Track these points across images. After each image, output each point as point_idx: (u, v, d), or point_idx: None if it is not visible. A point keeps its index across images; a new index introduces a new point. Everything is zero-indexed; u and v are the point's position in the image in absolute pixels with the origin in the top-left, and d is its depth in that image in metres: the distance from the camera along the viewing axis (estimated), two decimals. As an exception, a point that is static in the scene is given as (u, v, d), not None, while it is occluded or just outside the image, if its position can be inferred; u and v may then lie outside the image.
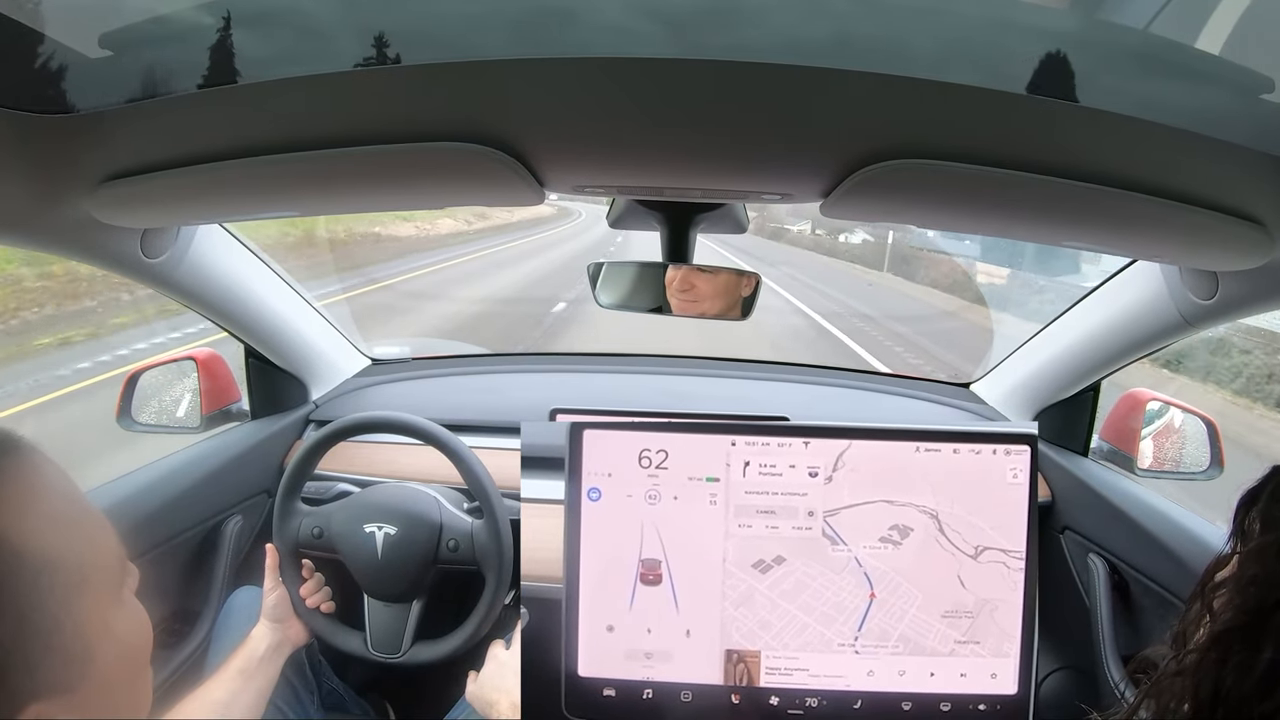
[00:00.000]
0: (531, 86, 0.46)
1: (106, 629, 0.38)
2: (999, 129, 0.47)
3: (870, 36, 0.43)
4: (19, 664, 0.34)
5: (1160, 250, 0.70)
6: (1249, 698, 0.38)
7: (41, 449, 0.39)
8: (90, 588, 0.38)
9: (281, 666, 0.93)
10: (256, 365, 1.17)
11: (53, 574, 0.36)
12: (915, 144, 0.48)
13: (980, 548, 0.73)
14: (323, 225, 9.64)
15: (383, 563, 0.97)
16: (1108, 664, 0.95)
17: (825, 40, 0.43)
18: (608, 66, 0.44)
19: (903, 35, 0.44)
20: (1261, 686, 0.37)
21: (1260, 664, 0.37)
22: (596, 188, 0.64)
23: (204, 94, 0.48)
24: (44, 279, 5.61)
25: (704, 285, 0.80)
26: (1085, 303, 1.04)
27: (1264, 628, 0.38)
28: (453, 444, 0.98)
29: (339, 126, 0.49)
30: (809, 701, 0.73)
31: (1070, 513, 1.09)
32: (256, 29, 0.47)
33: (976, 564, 0.73)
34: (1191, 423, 1.08)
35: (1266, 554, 0.39)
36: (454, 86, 0.46)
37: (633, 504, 0.73)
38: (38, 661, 0.35)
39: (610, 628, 0.74)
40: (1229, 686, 0.38)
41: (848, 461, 0.73)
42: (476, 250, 13.83)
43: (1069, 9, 0.47)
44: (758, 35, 0.43)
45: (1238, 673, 0.38)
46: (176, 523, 1.03)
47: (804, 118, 0.47)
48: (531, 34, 0.44)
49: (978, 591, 0.73)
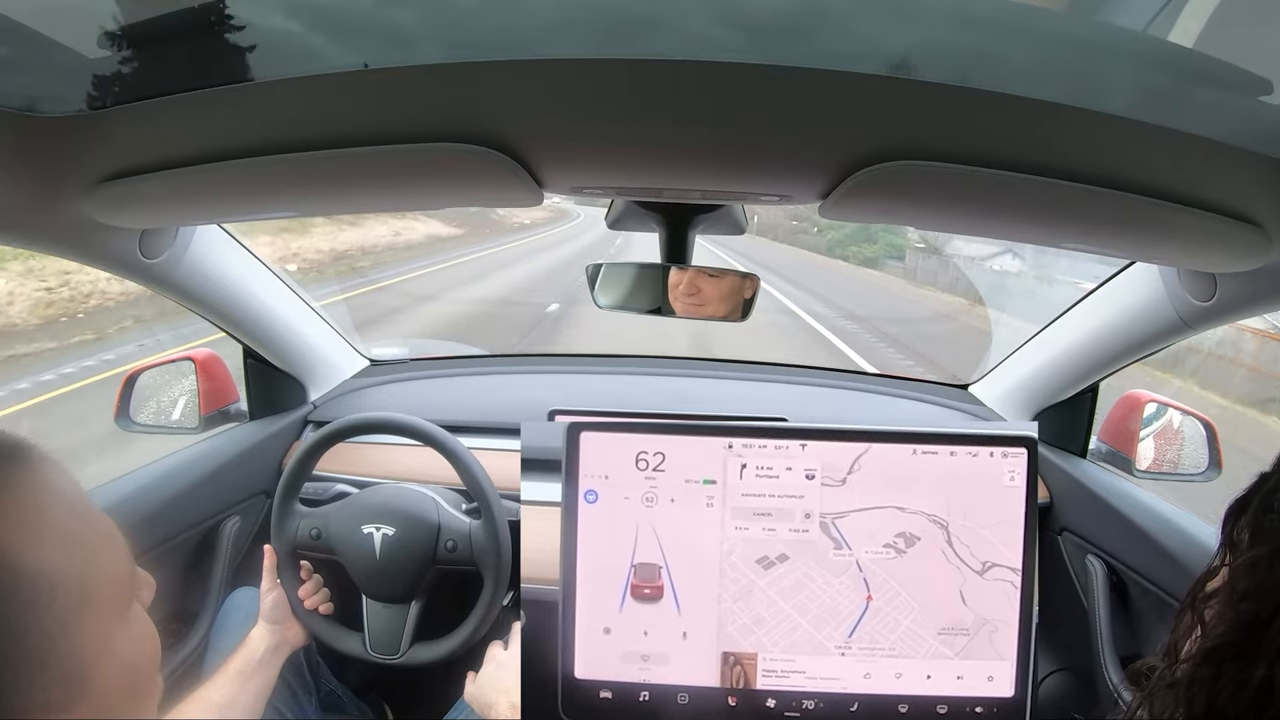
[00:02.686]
0: (530, 87, 0.46)
1: (107, 648, 0.37)
2: (998, 131, 0.47)
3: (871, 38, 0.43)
4: (10, 684, 0.33)
5: (1158, 252, 0.70)
6: (1243, 714, 0.37)
7: (52, 458, 0.38)
8: (92, 606, 0.36)
9: (280, 668, 0.93)
10: (255, 366, 1.17)
11: (51, 592, 0.34)
12: (914, 145, 0.48)
13: (988, 564, 0.72)
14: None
15: (381, 564, 0.96)
16: (1106, 666, 0.95)
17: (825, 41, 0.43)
18: (607, 68, 0.44)
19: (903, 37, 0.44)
20: (1256, 702, 0.37)
21: (1255, 680, 0.37)
22: (595, 189, 0.64)
23: (203, 94, 0.48)
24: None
25: (710, 289, 0.80)
26: (1083, 304, 1.04)
27: (1258, 643, 0.37)
28: (451, 445, 0.98)
29: (338, 127, 0.49)
30: (805, 704, 0.73)
31: (1068, 514, 1.09)
32: (256, 29, 0.47)
33: (982, 580, 0.72)
34: (1190, 424, 1.08)
35: (1258, 567, 0.39)
36: (453, 87, 0.46)
37: (630, 506, 0.73)
38: (31, 681, 0.33)
39: (607, 630, 0.74)
40: (1223, 702, 0.38)
41: (864, 465, 0.72)
42: (459, 257, 13.60)
43: (1068, 11, 0.47)
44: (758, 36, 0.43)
45: (1232, 688, 0.38)
46: (175, 523, 1.03)
47: (803, 119, 0.47)
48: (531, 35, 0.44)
49: (978, 610, 0.72)
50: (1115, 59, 0.46)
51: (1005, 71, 0.44)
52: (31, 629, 0.34)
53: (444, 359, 1.50)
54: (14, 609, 0.33)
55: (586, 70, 0.44)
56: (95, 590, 0.37)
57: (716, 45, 0.42)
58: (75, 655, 0.35)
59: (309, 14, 0.46)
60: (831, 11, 0.43)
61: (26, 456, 0.37)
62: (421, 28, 0.44)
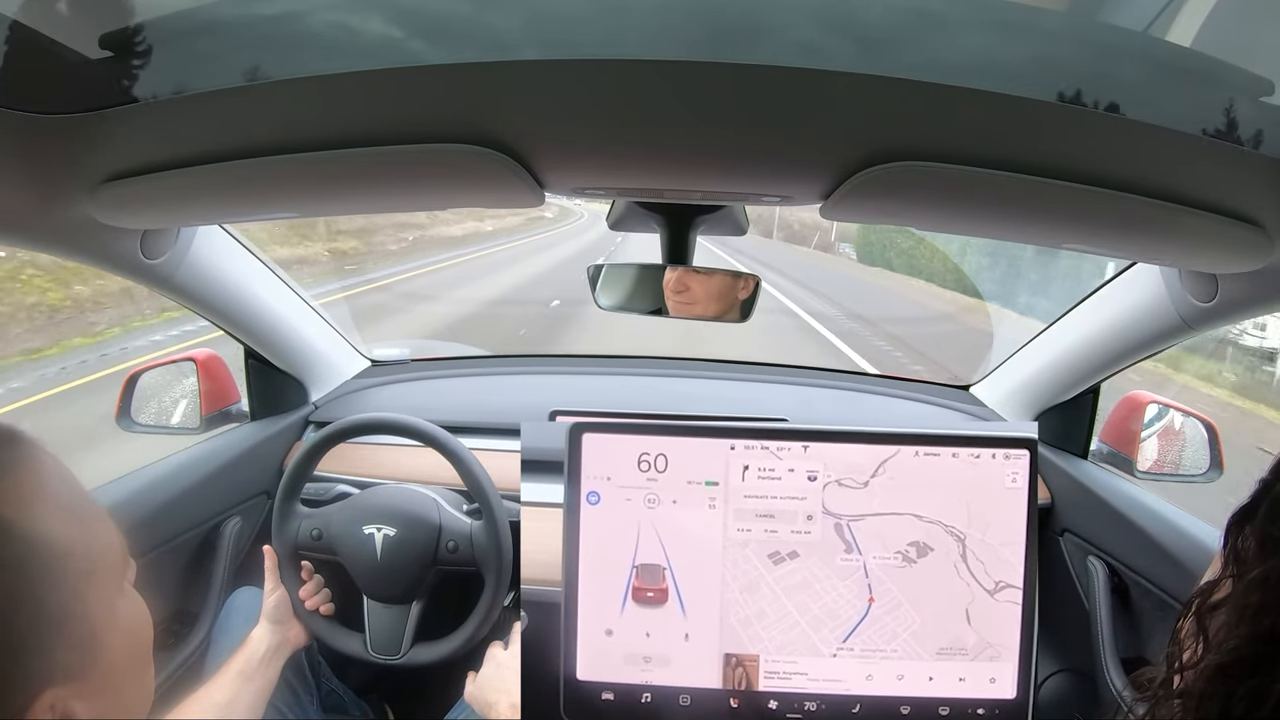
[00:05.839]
0: (531, 88, 0.46)
1: (113, 617, 0.39)
2: (999, 131, 0.47)
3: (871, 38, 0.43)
4: (34, 651, 0.35)
5: (1160, 253, 0.70)
6: None
7: (40, 443, 0.40)
8: (97, 577, 0.39)
9: (281, 668, 0.93)
10: (256, 366, 1.17)
11: (63, 562, 0.37)
12: (915, 146, 0.48)
13: (1001, 584, 0.71)
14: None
15: (382, 564, 0.96)
16: (1107, 667, 0.95)
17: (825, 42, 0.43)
18: (608, 68, 0.44)
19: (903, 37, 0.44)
20: (1274, 717, 0.36)
21: (1275, 695, 0.36)
22: (596, 189, 0.64)
23: (204, 95, 0.48)
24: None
25: (698, 287, 0.80)
26: (1085, 305, 1.04)
27: (1277, 657, 0.37)
28: (452, 445, 0.98)
29: (339, 127, 0.49)
30: (808, 705, 0.72)
31: (1070, 515, 1.09)
32: (256, 29, 0.47)
33: (991, 601, 0.71)
34: (1191, 425, 1.08)
35: (1271, 580, 0.38)
36: (454, 88, 0.46)
37: (632, 508, 0.73)
38: (51, 648, 0.36)
39: (609, 631, 0.74)
40: (1239, 716, 0.37)
41: (889, 469, 0.72)
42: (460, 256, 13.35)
43: (1069, 11, 0.47)
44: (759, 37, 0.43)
45: (1249, 701, 0.37)
46: (176, 524, 1.03)
47: (804, 120, 0.47)
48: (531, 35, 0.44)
49: (982, 632, 0.71)
50: (1115, 59, 0.46)
51: (1005, 71, 0.43)
52: (49, 597, 0.36)
53: (445, 359, 1.50)
54: (33, 577, 0.35)
55: (587, 72, 0.44)
56: (98, 562, 0.39)
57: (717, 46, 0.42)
58: (88, 622, 0.37)
59: (309, 15, 0.46)
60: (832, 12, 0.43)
61: (21, 440, 0.39)
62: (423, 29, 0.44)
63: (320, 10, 0.46)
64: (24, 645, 0.34)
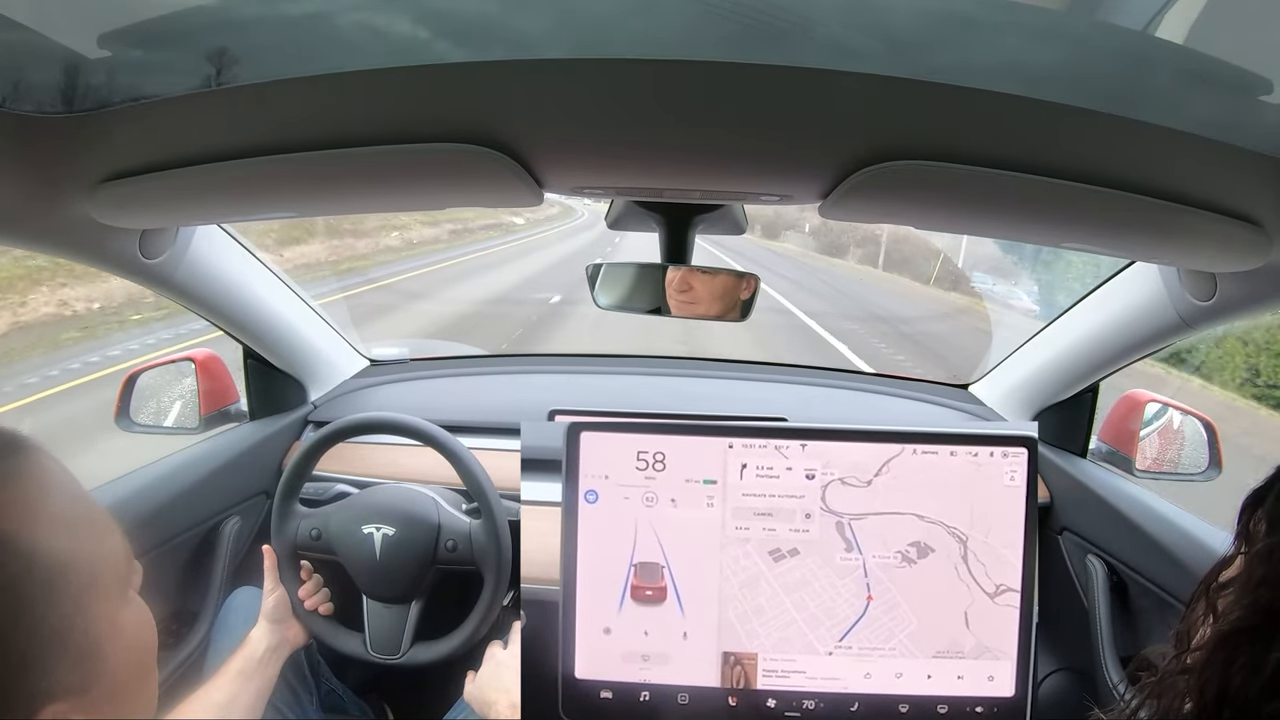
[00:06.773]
0: (530, 88, 0.46)
1: (116, 628, 0.38)
2: (998, 130, 0.47)
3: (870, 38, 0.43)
4: (35, 665, 0.34)
5: (1159, 252, 0.70)
6: (1257, 697, 0.38)
7: (46, 449, 0.39)
8: (100, 587, 0.38)
9: (280, 668, 0.93)
10: (255, 366, 1.17)
11: (65, 574, 0.36)
12: (914, 145, 0.48)
13: (1002, 587, 0.71)
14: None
15: (381, 564, 0.96)
16: (1106, 665, 0.95)
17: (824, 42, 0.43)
18: (606, 68, 0.44)
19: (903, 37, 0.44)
20: (1270, 686, 0.37)
21: (1270, 664, 0.37)
22: (596, 189, 0.64)
23: (203, 94, 0.48)
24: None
25: (701, 287, 0.80)
26: (1084, 304, 1.04)
27: (1275, 628, 0.38)
28: (451, 444, 0.98)
29: (338, 127, 0.49)
30: (806, 704, 0.72)
31: (1069, 514, 1.09)
32: (256, 29, 0.47)
33: (991, 604, 0.71)
34: (1190, 424, 1.08)
35: (1275, 554, 0.39)
36: (453, 88, 0.46)
37: (630, 506, 0.73)
38: (54, 662, 0.35)
39: (607, 630, 0.74)
40: (1236, 686, 0.38)
41: (893, 468, 0.72)
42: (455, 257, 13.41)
43: (1068, 10, 0.47)
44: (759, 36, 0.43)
45: (1246, 672, 0.38)
46: (175, 524, 1.03)
47: (803, 119, 0.47)
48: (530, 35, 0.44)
49: (981, 636, 0.71)
50: (1115, 58, 0.46)
51: (1005, 71, 0.43)
52: (50, 611, 0.35)
53: (444, 359, 1.50)
54: (33, 591, 0.35)
55: (587, 71, 0.44)
56: (101, 572, 0.38)
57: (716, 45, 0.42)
58: (90, 635, 0.37)
59: (309, 15, 0.46)
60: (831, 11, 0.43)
61: (25, 447, 0.38)
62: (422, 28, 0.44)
63: (319, 11, 0.46)
64: (24, 662, 0.34)
